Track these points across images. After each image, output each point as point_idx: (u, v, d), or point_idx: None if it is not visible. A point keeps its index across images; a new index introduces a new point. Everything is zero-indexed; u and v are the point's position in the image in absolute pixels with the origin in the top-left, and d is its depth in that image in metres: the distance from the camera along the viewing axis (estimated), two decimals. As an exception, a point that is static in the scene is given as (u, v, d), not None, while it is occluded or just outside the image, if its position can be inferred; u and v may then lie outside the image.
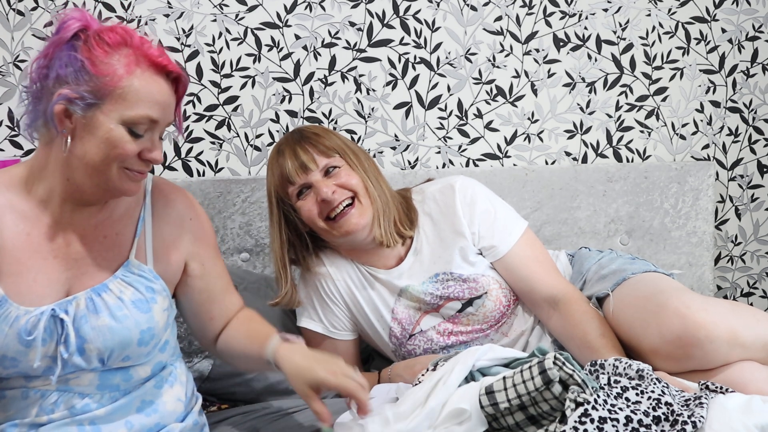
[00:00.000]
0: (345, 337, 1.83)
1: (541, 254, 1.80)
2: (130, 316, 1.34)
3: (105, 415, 1.35)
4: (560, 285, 1.75)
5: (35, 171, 1.35)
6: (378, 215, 1.73)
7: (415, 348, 1.78)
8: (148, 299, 1.37)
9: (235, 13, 2.15)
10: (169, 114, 1.34)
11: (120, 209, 1.41)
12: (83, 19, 1.30)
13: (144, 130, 1.30)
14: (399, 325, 1.78)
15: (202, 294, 1.50)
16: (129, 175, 1.32)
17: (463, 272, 1.76)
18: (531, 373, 1.27)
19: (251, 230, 2.14)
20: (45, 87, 1.29)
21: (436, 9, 2.23)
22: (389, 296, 1.79)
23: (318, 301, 1.82)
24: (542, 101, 2.32)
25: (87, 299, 1.34)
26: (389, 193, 1.78)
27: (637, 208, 2.31)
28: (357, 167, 1.74)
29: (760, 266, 2.51)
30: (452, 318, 1.77)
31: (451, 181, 1.81)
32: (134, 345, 1.34)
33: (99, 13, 2.08)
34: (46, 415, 1.33)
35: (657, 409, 1.26)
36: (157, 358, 1.41)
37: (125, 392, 1.38)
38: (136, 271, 1.38)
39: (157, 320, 1.37)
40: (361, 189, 1.72)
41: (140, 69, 1.29)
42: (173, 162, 2.17)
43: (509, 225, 1.79)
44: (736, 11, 2.37)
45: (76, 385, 1.34)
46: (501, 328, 1.77)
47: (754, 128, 2.44)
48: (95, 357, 1.33)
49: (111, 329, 1.32)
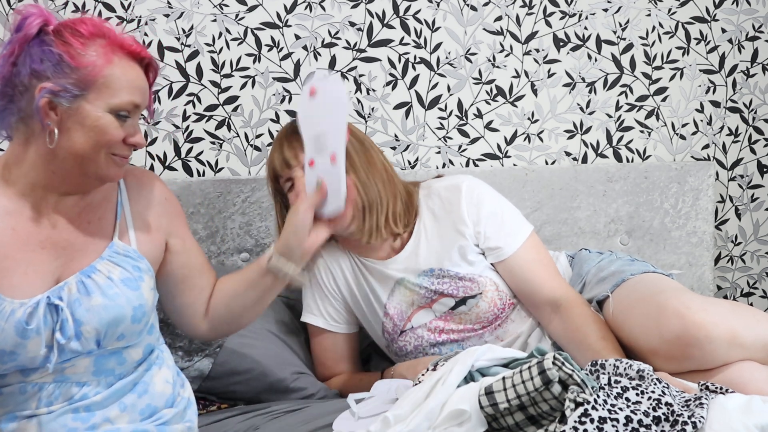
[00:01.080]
0: (345, 330, 1.85)
1: (545, 258, 1.80)
2: (121, 294, 1.36)
3: (101, 400, 1.36)
4: (562, 289, 1.75)
5: (12, 166, 1.37)
6: (358, 213, 1.71)
7: (405, 344, 1.79)
8: (136, 278, 1.40)
9: (235, 13, 2.15)
10: (146, 98, 1.40)
11: (98, 195, 1.44)
12: (42, 14, 1.33)
13: (130, 114, 1.35)
14: (391, 321, 1.79)
15: (185, 269, 1.53)
16: (115, 160, 1.37)
17: (460, 270, 1.76)
18: (530, 374, 1.27)
19: (251, 230, 2.14)
20: (18, 84, 1.32)
21: (436, 9, 2.23)
22: (383, 291, 1.79)
23: (317, 293, 1.84)
24: (542, 101, 2.32)
25: (77, 282, 1.36)
26: (384, 189, 1.75)
27: (637, 208, 2.31)
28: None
29: (760, 266, 2.51)
30: (444, 315, 1.77)
31: (458, 181, 1.81)
32: (128, 321, 1.37)
33: (99, 12, 2.08)
34: (45, 408, 1.34)
35: (657, 410, 1.26)
36: (146, 341, 1.44)
37: (119, 376, 1.39)
38: (122, 252, 1.41)
39: (147, 298, 1.40)
40: None
41: (117, 57, 1.34)
42: (173, 162, 2.17)
43: (515, 227, 1.79)
44: (736, 11, 2.37)
45: (72, 374, 1.35)
46: (495, 330, 1.77)
47: (754, 128, 2.45)
48: (92, 339, 1.34)
49: (105, 307, 1.35)
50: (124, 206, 1.46)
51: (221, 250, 2.12)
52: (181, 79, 2.15)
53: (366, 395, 1.56)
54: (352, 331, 1.87)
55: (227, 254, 2.13)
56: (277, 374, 1.77)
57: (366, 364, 1.97)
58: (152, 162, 2.16)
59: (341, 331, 1.85)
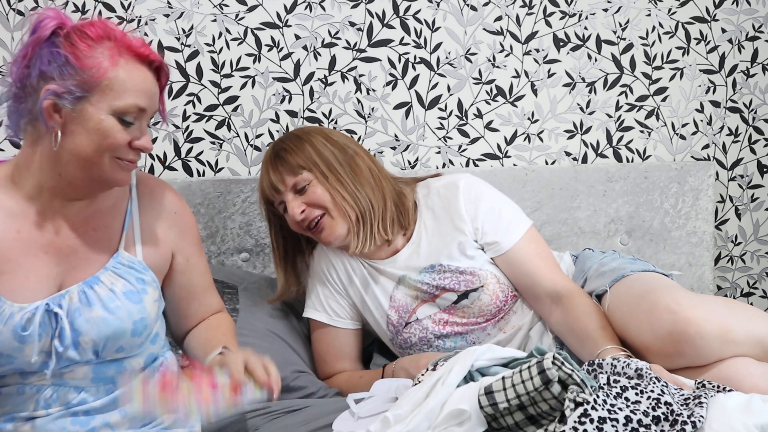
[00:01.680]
0: (347, 326, 1.86)
1: (543, 251, 1.81)
2: (122, 307, 1.35)
3: (100, 406, 1.36)
4: (563, 281, 1.76)
5: (21, 169, 1.36)
6: (352, 226, 1.75)
7: (410, 336, 1.79)
8: (139, 290, 1.39)
9: (235, 13, 2.15)
10: (154, 102, 1.37)
11: (107, 203, 1.43)
12: (58, 17, 1.32)
13: (133, 119, 1.33)
14: (396, 313, 1.80)
15: (182, 290, 1.52)
16: (120, 164, 1.35)
17: (460, 265, 1.77)
18: (530, 373, 1.27)
19: (251, 230, 2.14)
20: (27, 86, 1.31)
21: (436, 9, 2.23)
22: (388, 283, 1.81)
23: (321, 288, 1.85)
24: (542, 101, 2.32)
25: (79, 292, 1.35)
26: (374, 196, 1.77)
27: (637, 208, 2.31)
28: (326, 180, 1.74)
29: (760, 266, 2.51)
30: (448, 309, 1.78)
31: (456, 179, 1.83)
32: (128, 336, 1.36)
33: (99, 12, 2.08)
34: (42, 410, 1.34)
35: (656, 409, 1.26)
36: (149, 350, 1.43)
37: (120, 384, 1.39)
38: (127, 263, 1.40)
39: (149, 311, 1.39)
40: (330, 204, 1.74)
41: (124, 59, 1.32)
42: (173, 162, 2.17)
43: (513, 222, 1.81)
44: (736, 11, 2.37)
45: (71, 379, 1.35)
46: (498, 323, 1.78)
47: (754, 128, 2.44)
48: (90, 349, 1.33)
49: (105, 321, 1.34)
50: (134, 215, 1.45)
51: (221, 250, 2.12)
52: (181, 79, 2.15)
53: (366, 395, 1.56)
54: (354, 327, 1.87)
55: (227, 254, 2.13)
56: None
57: (367, 365, 1.97)
58: (152, 162, 2.16)
59: (343, 326, 1.85)
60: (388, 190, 1.80)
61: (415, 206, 1.84)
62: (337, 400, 1.63)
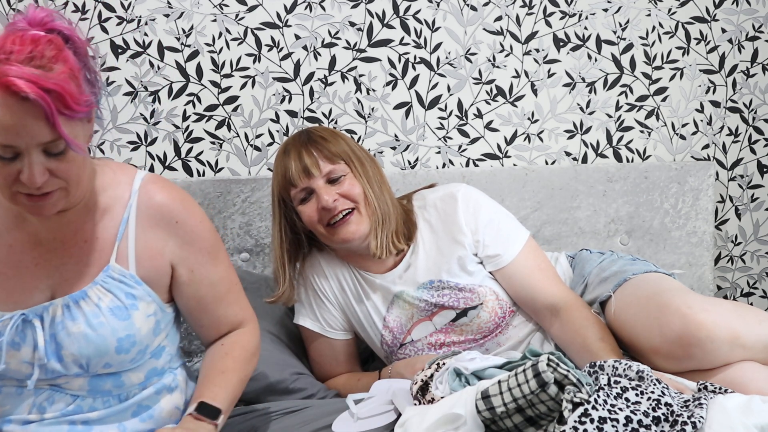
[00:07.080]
0: (341, 337, 1.84)
1: (543, 263, 1.79)
2: (106, 324, 1.32)
3: (99, 418, 1.35)
4: (561, 293, 1.74)
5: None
6: (376, 226, 1.72)
7: (406, 356, 1.78)
8: (128, 306, 1.34)
9: (235, 13, 2.15)
10: (27, 136, 1.17)
11: (99, 210, 1.37)
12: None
13: (12, 154, 1.19)
14: (390, 333, 1.78)
15: (192, 301, 1.44)
16: (24, 199, 1.24)
17: (460, 281, 1.75)
18: (525, 377, 1.27)
19: (251, 230, 2.14)
20: None
21: (436, 9, 2.23)
22: (382, 304, 1.78)
23: (314, 299, 1.82)
24: (542, 101, 2.32)
25: (63, 306, 1.33)
26: (392, 204, 1.76)
27: (637, 208, 2.31)
28: (361, 176, 1.73)
29: (760, 266, 2.51)
30: (445, 328, 1.76)
31: (453, 189, 1.80)
32: (112, 353, 1.33)
33: (99, 12, 2.08)
34: (39, 414, 1.33)
35: (657, 410, 1.26)
36: (150, 365, 1.40)
37: (120, 397, 1.38)
38: (117, 276, 1.35)
39: (139, 327, 1.34)
40: (362, 199, 1.72)
41: None
42: (173, 162, 2.17)
43: (513, 234, 1.78)
44: (736, 11, 2.37)
45: (68, 388, 1.35)
46: (496, 338, 1.77)
47: (754, 128, 2.44)
48: (73, 363, 1.32)
49: (86, 337, 1.31)
50: (129, 225, 1.37)
51: (221, 250, 2.12)
52: (181, 79, 2.15)
53: (365, 395, 1.56)
54: (348, 337, 1.85)
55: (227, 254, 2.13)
56: (276, 375, 1.77)
57: (366, 364, 1.97)
58: (152, 162, 2.16)
59: (337, 337, 1.84)
60: (397, 205, 1.79)
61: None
62: (337, 401, 1.63)
